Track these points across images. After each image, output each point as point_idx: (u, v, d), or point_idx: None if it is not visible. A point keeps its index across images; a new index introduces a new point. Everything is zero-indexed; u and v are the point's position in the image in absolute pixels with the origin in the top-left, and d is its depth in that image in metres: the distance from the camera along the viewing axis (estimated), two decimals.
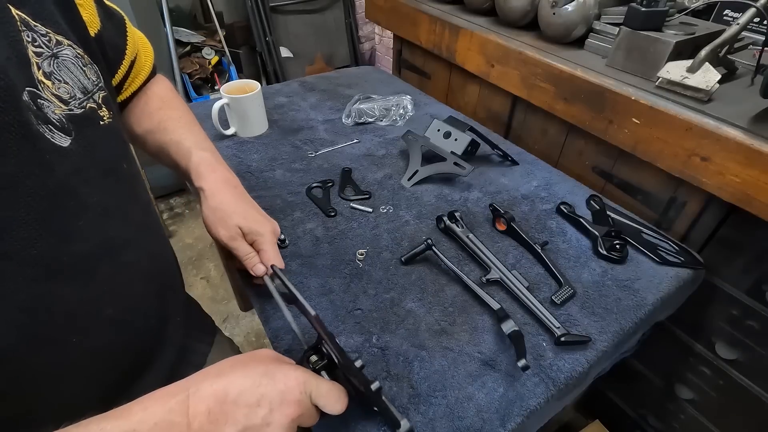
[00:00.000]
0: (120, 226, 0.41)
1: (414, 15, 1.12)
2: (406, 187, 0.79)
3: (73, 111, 0.37)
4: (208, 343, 0.61)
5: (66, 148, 0.35)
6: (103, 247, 0.39)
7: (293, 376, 0.35)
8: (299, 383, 0.35)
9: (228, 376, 0.34)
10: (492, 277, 0.60)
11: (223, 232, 0.53)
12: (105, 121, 0.40)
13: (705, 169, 0.64)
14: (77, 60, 0.38)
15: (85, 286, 0.37)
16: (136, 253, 0.43)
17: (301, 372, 0.36)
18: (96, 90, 0.40)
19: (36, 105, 0.33)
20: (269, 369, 0.36)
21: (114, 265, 0.40)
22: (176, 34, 2.07)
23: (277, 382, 0.34)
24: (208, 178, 0.55)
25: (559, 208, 0.73)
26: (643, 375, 0.94)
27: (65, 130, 0.35)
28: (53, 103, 0.35)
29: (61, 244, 0.35)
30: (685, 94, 0.68)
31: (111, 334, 0.40)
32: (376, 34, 2.62)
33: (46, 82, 0.35)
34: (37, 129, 0.33)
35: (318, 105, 1.05)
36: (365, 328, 0.55)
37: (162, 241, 0.51)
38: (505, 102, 1.01)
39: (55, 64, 0.36)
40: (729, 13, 0.86)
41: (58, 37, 0.37)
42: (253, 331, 1.55)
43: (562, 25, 0.84)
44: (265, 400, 0.33)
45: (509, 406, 0.47)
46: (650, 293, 0.60)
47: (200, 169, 0.55)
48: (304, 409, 0.35)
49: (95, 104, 0.39)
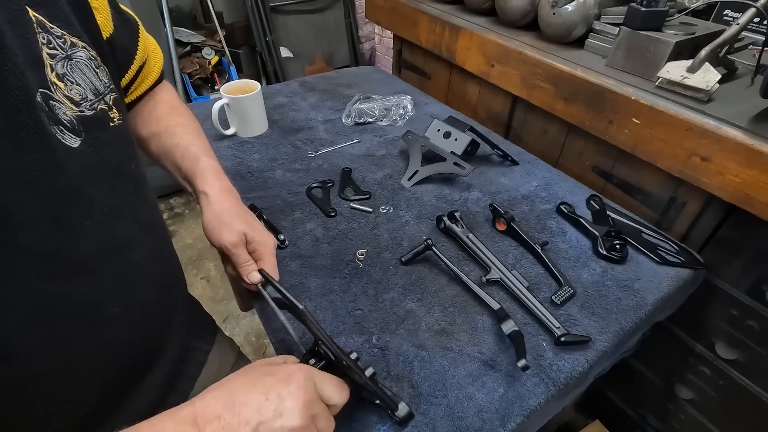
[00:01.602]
0: (126, 226, 0.42)
1: (414, 15, 1.12)
2: (406, 187, 0.79)
3: (84, 112, 0.37)
4: (210, 342, 0.61)
5: (76, 149, 0.36)
6: (110, 246, 0.39)
7: (295, 367, 0.37)
8: (301, 371, 0.36)
9: (229, 383, 0.35)
10: (492, 277, 0.60)
11: (227, 236, 0.52)
12: (115, 122, 0.41)
13: (705, 169, 0.64)
14: (90, 62, 0.39)
15: (93, 284, 0.38)
16: (141, 253, 0.43)
17: (300, 365, 0.38)
18: (107, 92, 0.40)
19: (48, 106, 0.34)
20: (269, 369, 0.37)
21: (120, 263, 0.40)
22: (176, 34, 2.07)
23: (280, 374, 0.36)
24: (214, 185, 0.56)
25: (559, 208, 0.73)
26: (643, 375, 0.94)
27: (75, 132, 0.36)
28: (65, 104, 0.35)
29: (70, 243, 0.35)
30: (685, 94, 0.68)
31: (117, 332, 0.41)
32: (376, 34, 2.62)
33: (59, 83, 0.35)
34: (48, 130, 0.34)
35: (318, 105, 1.05)
36: (365, 328, 0.55)
37: (166, 241, 0.52)
38: (505, 102, 1.01)
39: (69, 66, 0.36)
40: (729, 13, 0.86)
41: (73, 39, 0.37)
42: (254, 331, 1.55)
43: (562, 25, 0.84)
44: (272, 393, 0.34)
45: (509, 406, 0.47)
46: (650, 293, 0.60)
47: (207, 175, 0.56)
48: (311, 395, 0.35)
49: (106, 106, 0.40)
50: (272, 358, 0.42)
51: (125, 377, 0.43)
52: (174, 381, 0.51)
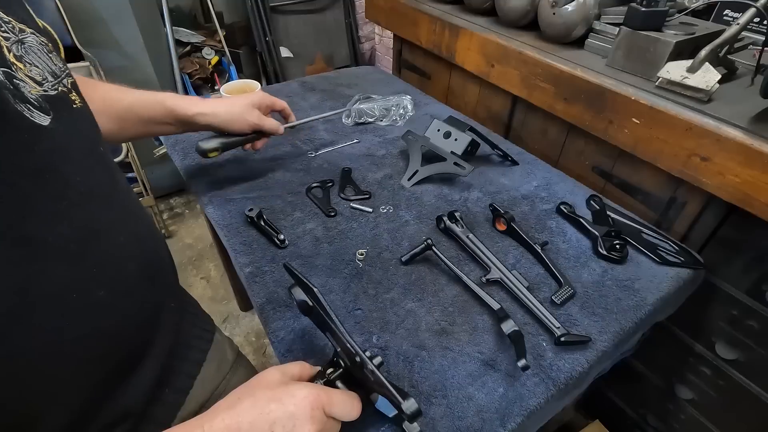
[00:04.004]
0: (104, 209, 0.41)
1: (414, 15, 1.12)
2: (406, 187, 0.79)
3: (48, 92, 0.37)
4: (208, 339, 0.61)
5: (47, 126, 0.36)
6: (90, 228, 0.39)
7: (302, 396, 0.36)
8: (309, 401, 0.36)
9: (237, 408, 0.35)
10: (492, 277, 0.60)
11: (250, 118, 0.68)
12: (77, 104, 0.41)
13: (705, 169, 0.64)
14: (42, 47, 0.39)
15: (74, 266, 0.37)
16: (123, 236, 0.43)
17: (308, 389, 0.37)
18: (64, 76, 0.41)
19: (12, 84, 0.34)
20: (276, 394, 0.36)
21: (102, 246, 0.40)
22: (176, 34, 2.07)
23: (287, 404, 0.35)
24: (201, 102, 0.63)
25: (559, 208, 0.73)
26: (643, 375, 0.94)
27: (43, 110, 0.36)
28: (28, 83, 0.35)
29: (46, 225, 0.35)
30: (685, 94, 0.68)
31: (104, 318, 0.40)
32: (376, 34, 2.62)
33: (18, 64, 0.35)
34: (14, 107, 0.33)
35: (318, 105, 1.05)
36: (365, 328, 0.55)
37: (148, 225, 0.51)
38: (505, 102, 1.01)
39: (23, 48, 0.37)
40: (729, 13, 0.86)
41: (20, 26, 0.38)
42: (253, 331, 1.55)
43: (562, 25, 0.84)
44: (277, 426, 0.34)
45: (509, 406, 0.47)
46: (650, 293, 0.60)
47: (184, 102, 0.62)
48: (319, 424, 0.35)
49: (66, 88, 0.40)
50: (287, 367, 0.41)
51: (116, 366, 0.42)
52: (170, 376, 0.50)
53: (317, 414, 0.35)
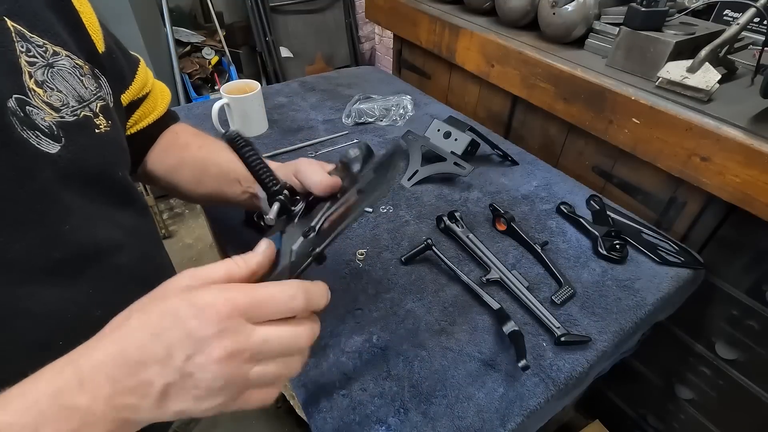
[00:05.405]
0: (109, 230, 0.42)
1: (414, 15, 1.12)
2: (406, 187, 0.79)
3: (65, 118, 0.38)
4: None
5: (53, 154, 0.36)
6: (92, 249, 0.39)
7: (204, 304, 0.26)
8: (216, 310, 0.26)
9: (123, 329, 0.27)
10: (492, 277, 0.60)
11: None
12: (101, 129, 0.41)
13: (705, 169, 0.64)
14: (75, 70, 0.40)
15: (70, 287, 0.37)
16: (127, 256, 0.43)
17: (216, 293, 0.27)
18: (94, 99, 0.41)
19: (24, 111, 0.34)
20: (172, 306, 0.27)
21: (103, 267, 0.40)
22: (176, 34, 2.08)
23: (184, 319, 0.26)
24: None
25: (559, 208, 0.73)
26: (643, 375, 0.94)
27: (54, 137, 0.36)
28: (43, 110, 0.36)
29: (41, 248, 0.35)
30: (685, 94, 0.68)
31: None
32: (376, 34, 2.62)
33: (38, 90, 0.36)
34: (20, 134, 0.34)
35: (318, 105, 1.05)
36: (365, 328, 0.55)
37: (156, 244, 0.52)
38: (505, 102, 1.01)
39: (50, 73, 0.37)
40: (729, 13, 0.86)
41: (55, 48, 0.38)
42: None
43: (562, 25, 0.84)
44: (176, 349, 0.26)
45: (509, 406, 0.47)
46: (650, 293, 0.60)
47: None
48: (241, 338, 0.26)
49: (91, 113, 0.40)
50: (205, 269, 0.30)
51: None
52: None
53: (232, 325, 0.26)
